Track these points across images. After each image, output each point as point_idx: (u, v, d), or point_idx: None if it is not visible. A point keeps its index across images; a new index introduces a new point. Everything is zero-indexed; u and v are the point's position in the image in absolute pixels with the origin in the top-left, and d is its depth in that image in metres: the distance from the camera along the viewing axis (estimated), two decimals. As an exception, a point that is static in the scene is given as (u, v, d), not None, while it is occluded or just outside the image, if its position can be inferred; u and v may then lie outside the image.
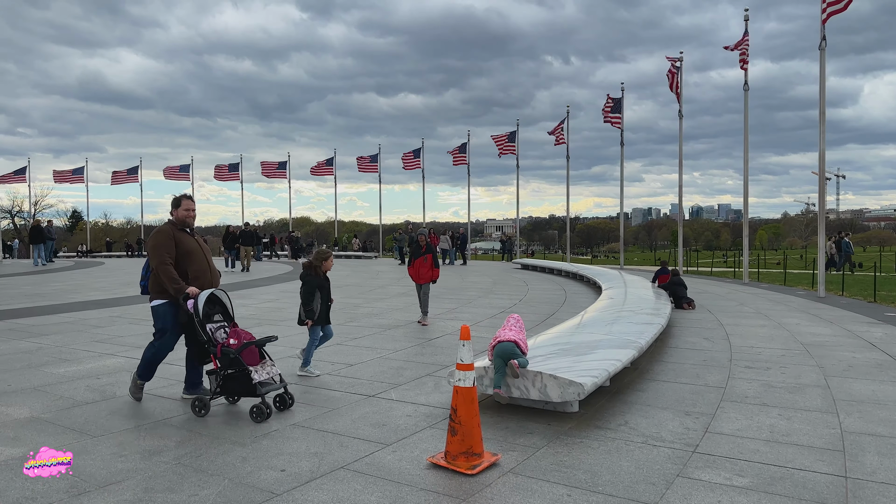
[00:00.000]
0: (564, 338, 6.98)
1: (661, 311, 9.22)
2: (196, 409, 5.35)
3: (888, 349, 8.52)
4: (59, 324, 10.80)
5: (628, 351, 6.32)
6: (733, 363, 7.61)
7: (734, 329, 10.24)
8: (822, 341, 9.13)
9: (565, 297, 14.96)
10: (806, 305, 13.66)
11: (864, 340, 9.23)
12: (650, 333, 7.46)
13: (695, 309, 13.06)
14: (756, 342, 9.04)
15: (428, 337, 9.44)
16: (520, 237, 43.02)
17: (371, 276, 21.54)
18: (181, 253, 5.63)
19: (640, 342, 6.79)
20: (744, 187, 20.25)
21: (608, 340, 6.75)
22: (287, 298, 14.16)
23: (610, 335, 7.11)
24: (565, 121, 33.66)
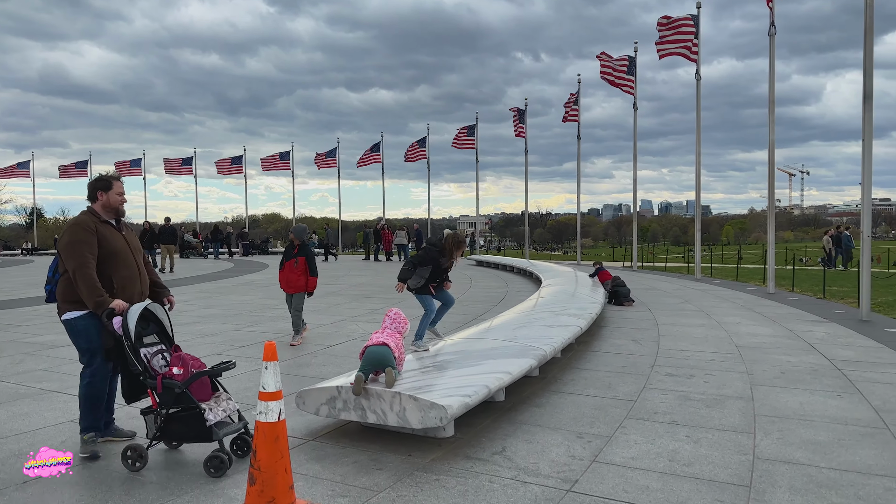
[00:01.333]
0: (461, 345, 6.14)
1: (586, 312, 8.45)
2: (129, 461, 4.03)
3: (827, 351, 7.86)
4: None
5: (525, 361, 5.51)
6: (655, 370, 6.86)
7: (669, 329, 9.53)
8: (758, 343, 8.45)
9: (504, 296, 14.17)
10: (753, 302, 13.06)
11: (803, 341, 8.58)
12: (562, 338, 6.67)
13: (633, 306, 12.42)
14: (687, 345, 8.32)
15: (326, 343, 8.54)
16: (492, 233, 42.31)
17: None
18: (105, 253, 4.30)
19: (544, 350, 5.98)
20: (696, 181, 19.69)
21: (507, 348, 5.93)
22: (203, 300, 13.12)
23: (513, 341, 6.29)
24: (524, 114, 32.99)
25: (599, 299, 10.28)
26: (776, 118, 15.00)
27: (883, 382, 6.31)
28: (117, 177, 4.57)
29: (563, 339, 6.66)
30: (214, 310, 11.26)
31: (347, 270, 22.05)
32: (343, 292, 14.45)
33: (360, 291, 14.67)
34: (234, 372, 5.65)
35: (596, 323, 9.90)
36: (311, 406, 4.56)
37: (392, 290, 14.39)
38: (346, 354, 7.76)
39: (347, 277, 18.92)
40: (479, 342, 6.24)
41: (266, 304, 12.11)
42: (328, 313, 11.04)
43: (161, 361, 4.26)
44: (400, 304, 11.84)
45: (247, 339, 8.73)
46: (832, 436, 4.72)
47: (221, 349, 7.95)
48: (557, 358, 7.23)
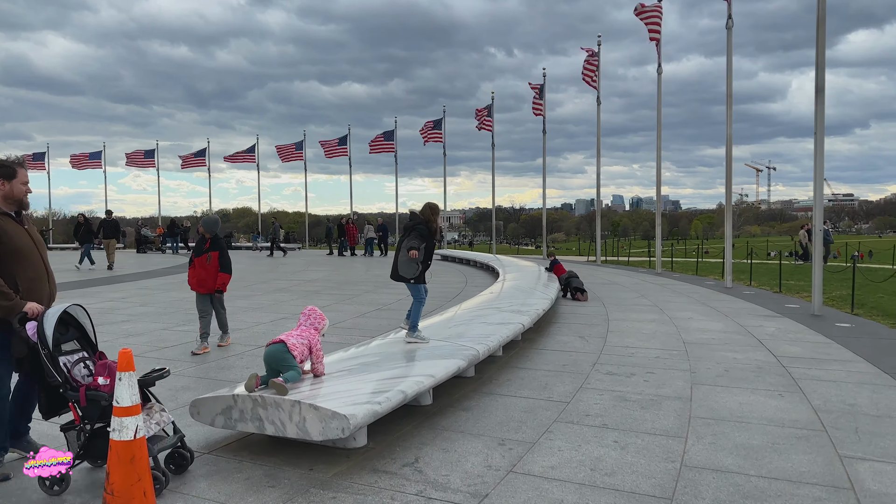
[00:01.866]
0: (391, 345, 5.79)
1: (532, 309, 8.17)
2: (47, 483, 3.55)
3: (775, 348, 7.69)
4: None
5: (453, 362, 5.19)
6: (596, 368, 6.60)
7: (618, 325, 9.30)
8: (707, 339, 8.26)
9: (460, 291, 13.87)
10: (708, 297, 12.94)
11: (753, 337, 8.41)
12: (500, 337, 6.37)
13: (587, 301, 12.23)
14: (635, 341, 8.09)
15: (258, 343, 8.12)
16: (466, 228, 41.98)
17: (255, 271, 20.00)
18: (7, 251, 3.80)
19: (477, 350, 5.67)
20: (657, 176, 19.59)
21: (439, 348, 5.61)
22: (141, 297, 12.56)
23: (448, 341, 5.97)
24: (490, 107, 32.70)
25: (550, 295, 10.01)
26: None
27: (826, 380, 6.13)
28: (22, 163, 4.04)
29: (501, 337, 6.36)
30: (149, 307, 10.74)
31: (306, 266, 21.56)
32: (294, 288, 14.01)
33: (311, 288, 14.25)
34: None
35: (546, 318, 9.64)
36: (206, 416, 4.18)
37: (345, 286, 13.98)
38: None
39: (304, 273, 18.46)
40: (411, 342, 5.90)
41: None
42: (271, 311, 10.61)
43: (84, 371, 3.77)
44: (356, 300, 11.46)
45: (173, 339, 8.28)
46: (767, 439, 4.48)
47: (143, 350, 7.49)
48: (498, 356, 6.94)
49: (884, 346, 7.76)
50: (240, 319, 9.56)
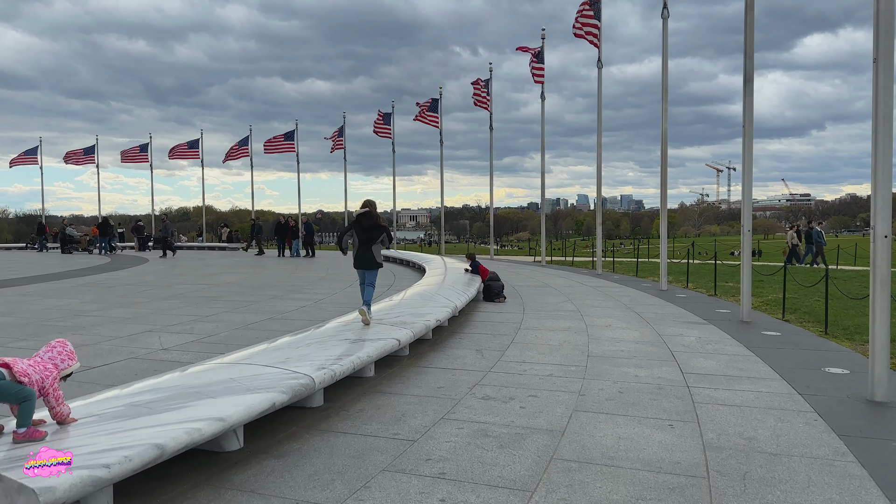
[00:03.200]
0: (202, 375, 4.76)
1: (419, 321, 7.22)
2: None
3: (687, 362, 6.89)
4: None
5: (263, 397, 4.18)
6: (474, 391, 5.68)
7: (526, 335, 8.43)
8: (616, 351, 7.42)
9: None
10: (638, 301, 12.19)
11: (667, 349, 7.61)
12: (356, 358, 5.40)
13: (504, 302, 11.62)
14: (535, 354, 7.21)
15: (88, 364, 7.01)
16: (432, 227, 40.95)
17: (169, 273, 18.70)
18: None
19: (307, 379, 4.68)
20: (597, 173, 18.87)
21: (258, 378, 4.60)
22: (10, 305, 11.22)
23: (277, 366, 4.96)
24: (437, 102, 31.76)
25: (455, 301, 9.09)
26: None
27: (729, 405, 5.31)
28: None
29: (358, 359, 5.40)
30: (7, 318, 9.49)
31: (229, 268, 20.34)
32: (193, 294, 12.82)
33: (214, 293, 13.08)
34: None
35: (452, 327, 8.77)
36: None
37: (255, 291, 12.54)
38: (94, 380, 6.27)
39: (221, 276, 17.25)
40: (230, 369, 4.87)
41: (80, 310, 10.41)
42: (143, 322, 9.42)
43: None
44: (252, 308, 10.08)
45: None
46: (631, 493, 3.60)
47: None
48: (367, 378, 5.98)
49: (804, 359, 7.02)
50: (95, 332, 8.40)
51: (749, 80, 9.82)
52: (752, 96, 9.85)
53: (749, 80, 9.82)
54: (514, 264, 23.40)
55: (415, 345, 7.55)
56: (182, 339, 7.98)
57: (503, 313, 10.48)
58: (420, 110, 30.58)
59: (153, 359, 6.81)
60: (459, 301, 9.12)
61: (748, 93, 9.81)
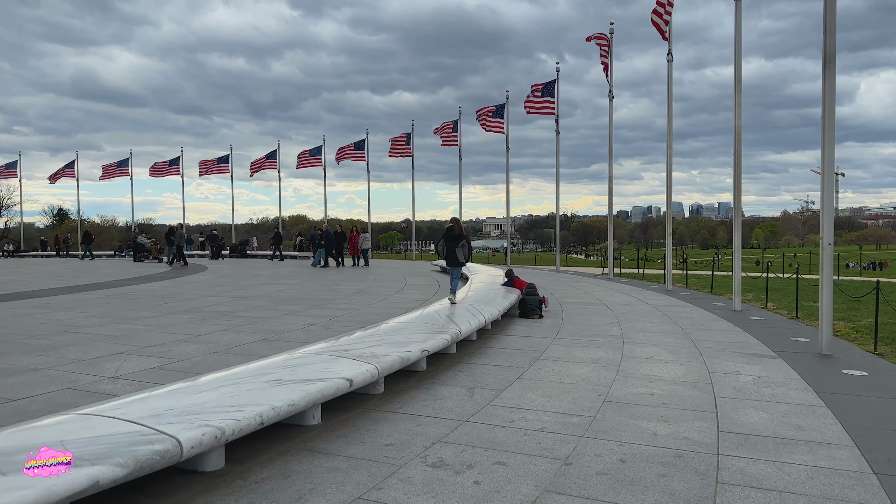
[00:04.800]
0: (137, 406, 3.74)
1: (390, 356, 5.98)
2: None
3: (731, 415, 5.32)
4: None
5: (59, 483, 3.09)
6: (428, 453, 4.39)
7: (543, 367, 7.02)
8: (643, 394, 5.92)
9: (416, 307, 11.73)
10: (699, 324, 10.45)
11: (710, 394, 6.03)
12: (292, 400, 4.26)
13: (540, 319, 10.88)
14: (538, 396, 5.83)
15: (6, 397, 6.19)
16: (517, 236, 39.75)
17: (199, 283, 18.27)
18: None
19: (174, 442, 3.57)
20: (667, 175, 17.01)
21: (76, 444, 3.52)
22: (7, 318, 10.81)
23: (139, 422, 3.87)
24: (504, 107, 30.46)
25: (459, 327, 7.79)
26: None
27: (767, 489, 3.78)
28: None
29: (272, 409, 4.24)
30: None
31: (274, 278, 19.81)
32: (207, 308, 12.10)
33: (228, 308, 12.33)
34: None
35: (462, 353, 7.56)
36: None
37: (276, 305, 11.19)
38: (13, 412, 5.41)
39: (259, 287, 16.64)
40: (76, 424, 3.81)
41: (75, 325, 9.81)
42: (119, 342, 8.67)
43: None
44: (254, 327, 8.96)
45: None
46: None
47: None
48: (308, 426, 4.83)
49: (894, 416, 5.28)
50: (61, 354, 7.67)
51: (830, 62, 8.03)
52: (834, 80, 8.05)
53: (830, 62, 8.03)
54: (578, 277, 21.72)
55: (401, 377, 6.36)
56: (147, 363, 7.12)
57: (530, 337, 9.09)
58: (481, 118, 29.17)
59: (89, 390, 5.94)
60: (465, 326, 7.82)
61: (829, 76, 8.02)
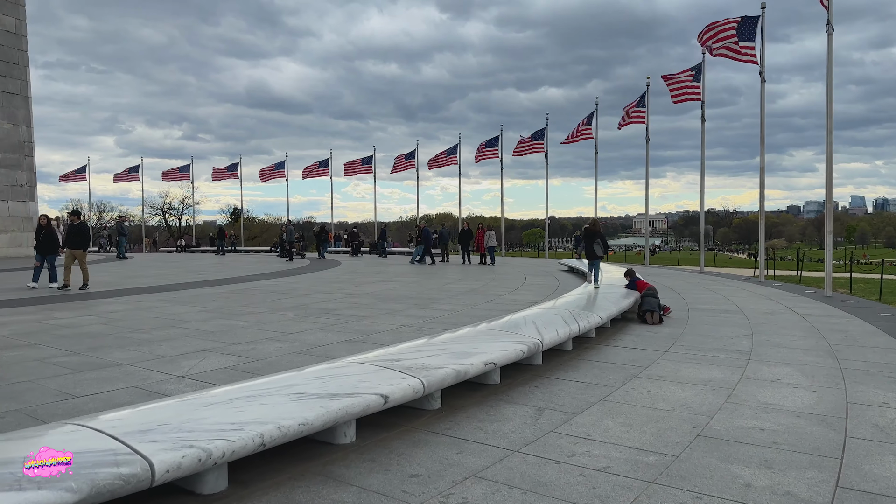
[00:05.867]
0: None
1: (440, 370, 5.35)
2: None
3: (858, 463, 4.15)
4: None
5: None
6: (450, 495, 3.75)
7: (636, 387, 6.06)
8: (752, 428, 4.84)
9: (518, 308, 11.03)
10: (854, 340, 8.78)
11: (841, 432, 4.81)
12: (242, 441, 3.81)
13: (658, 325, 9.94)
14: (617, 424, 4.94)
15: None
16: (671, 233, 37.91)
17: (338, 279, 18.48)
18: None
19: (164, 460, 3.21)
20: (826, 163, 14.78)
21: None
22: (134, 311, 11.40)
23: (120, 436, 3.56)
24: (645, 95, 28.54)
25: (542, 336, 6.97)
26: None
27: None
28: None
29: (279, 429, 3.80)
30: (104, 328, 9.45)
31: (396, 275, 19.82)
32: (315, 305, 12.12)
33: (334, 305, 12.27)
34: None
35: (551, 363, 6.80)
36: None
37: (384, 302, 10.78)
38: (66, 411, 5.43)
39: (375, 284, 16.65)
40: (164, 412, 3.58)
41: (183, 320, 10.09)
42: (211, 338, 8.75)
43: None
44: (328, 331, 8.65)
45: None
46: None
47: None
48: (339, 445, 4.36)
49: None
50: (150, 350, 7.83)
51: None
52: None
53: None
54: (723, 280, 19.70)
55: (466, 391, 5.75)
56: (223, 362, 7.06)
57: (636, 349, 8.05)
58: (633, 114, 27.26)
59: (151, 390, 5.90)
60: (551, 335, 6.98)
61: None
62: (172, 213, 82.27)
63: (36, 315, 10.24)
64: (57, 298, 12.46)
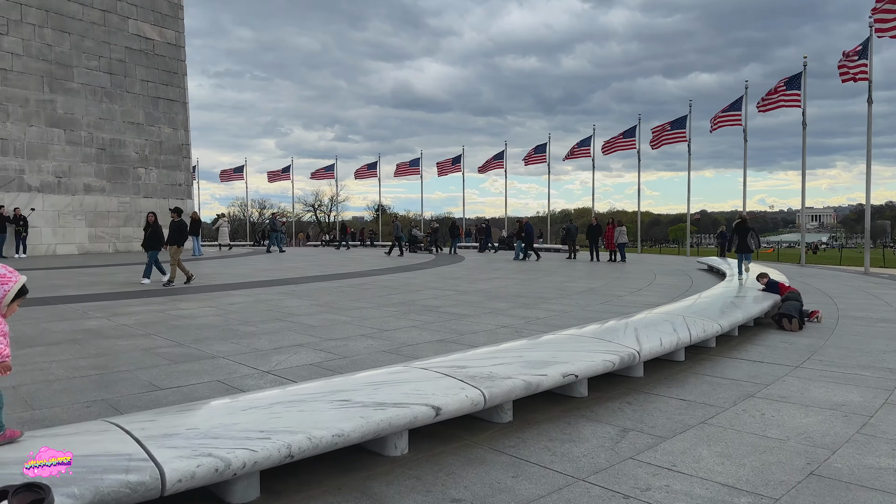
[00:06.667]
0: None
1: (506, 381, 4.86)
2: None
3: None
4: None
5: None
6: (488, 524, 3.32)
7: (749, 409, 5.24)
8: (885, 467, 3.95)
9: (632, 310, 10.23)
10: None
11: None
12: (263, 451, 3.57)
13: (798, 332, 8.88)
14: (712, 454, 4.24)
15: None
16: (840, 228, 34.78)
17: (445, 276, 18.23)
18: None
19: (177, 468, 3.08)
20: None
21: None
22: (252, 303, 11.78)
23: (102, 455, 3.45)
24: (801, 76, 25.73)
25: (652, 343, 6.26)
26: None
27: None
28: None
29: (343, 431, 3.56)
30: (215, 318, 9.80)
31: (513, 272, 19.31)
32: (420, 301, 11.94)
33: (439, 303, 12.02)
34: None
35: (650, 378, 6.13)
36: None
37: (490, 301, 10.63)
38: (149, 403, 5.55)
39: (486, 282, 16.27)
40: (196, 416, 3.52)
41: (291, 313, 10.26)
42: (310, 332, 8.76)
43: None
44: (422, 330, 8.46)
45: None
46: None
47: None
48: (393, 458, 4.08)
49: None
50: (247, 343, 7.98)
51: None
52: None
53: None
54: (893, 283, 17.28)
55: (547, 403, 5.27)
56: (312, 358, 7.04)
57: (761, 362, 7.06)
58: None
59: (233, 385, 5.94)
60: (651, 345, 6.21)
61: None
62: (322, 209, 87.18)
63: (162, 305, 10.94)
64: (186, 290, 13.29)
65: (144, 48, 28.96)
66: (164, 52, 29.83)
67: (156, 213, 14.62)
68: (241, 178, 53.24)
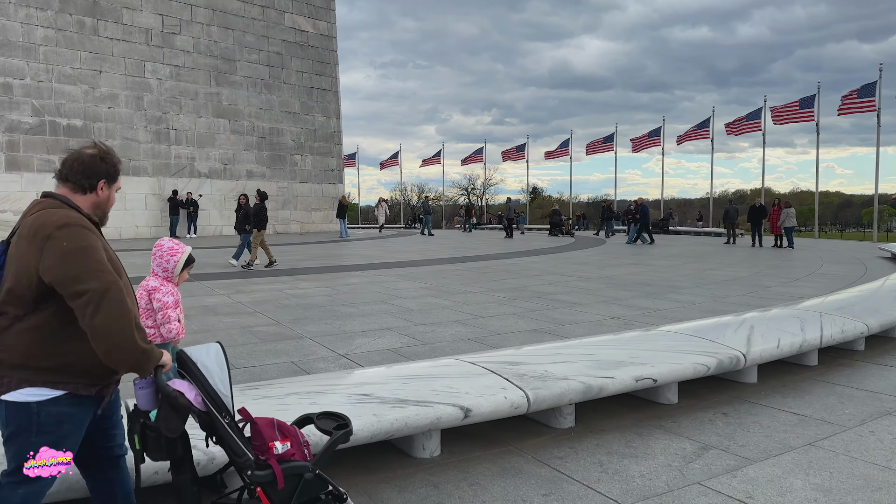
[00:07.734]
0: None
1: (554, 385, 4.25)
2: None
3: None
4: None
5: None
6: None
7: (875, 433, 4.23)
8: None
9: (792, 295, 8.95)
10: None
11: None
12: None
13: None
14: (803, 487, 3.41)
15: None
16: None
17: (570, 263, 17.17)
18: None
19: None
20: None
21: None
22: (369, 283, 11.76)
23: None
24: None
25: (765, 346, 5.29)
26: None
27: None
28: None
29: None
30: (324, 298, 9.93)
31: (659, 257, 17.92)
32: (540, 287, 11.29)
33: (567, 287, 11.26)
34: None
35: (764, 384, 5.25)
36: None
37: (629, 287, 9.77)
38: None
39: (618, 268, 15.19)
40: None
41: (399, 296, 10.10)
42: (405, 316, 8.53)
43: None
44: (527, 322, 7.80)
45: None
46: None
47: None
48: (421, 460, 3.72)
49: None
50: (339, 326, 7.91)
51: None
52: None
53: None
54: None
55: (621, 408, 4.62)
56: (392, 342, 6.83)
57: (920, 372, 5.76)
58: None
59: (303, 368, 5.88)
60: (762, 347, 5.22)
61: None
62: (475, 192, 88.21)
63: (282, 285, 11.35)
64: (311, 270, 13.75)
65: (299, 40, 30.60)
66: (318, 44, 31.31)
67: (247, 195, 15.18)
68: (395, 163, 55.28)
